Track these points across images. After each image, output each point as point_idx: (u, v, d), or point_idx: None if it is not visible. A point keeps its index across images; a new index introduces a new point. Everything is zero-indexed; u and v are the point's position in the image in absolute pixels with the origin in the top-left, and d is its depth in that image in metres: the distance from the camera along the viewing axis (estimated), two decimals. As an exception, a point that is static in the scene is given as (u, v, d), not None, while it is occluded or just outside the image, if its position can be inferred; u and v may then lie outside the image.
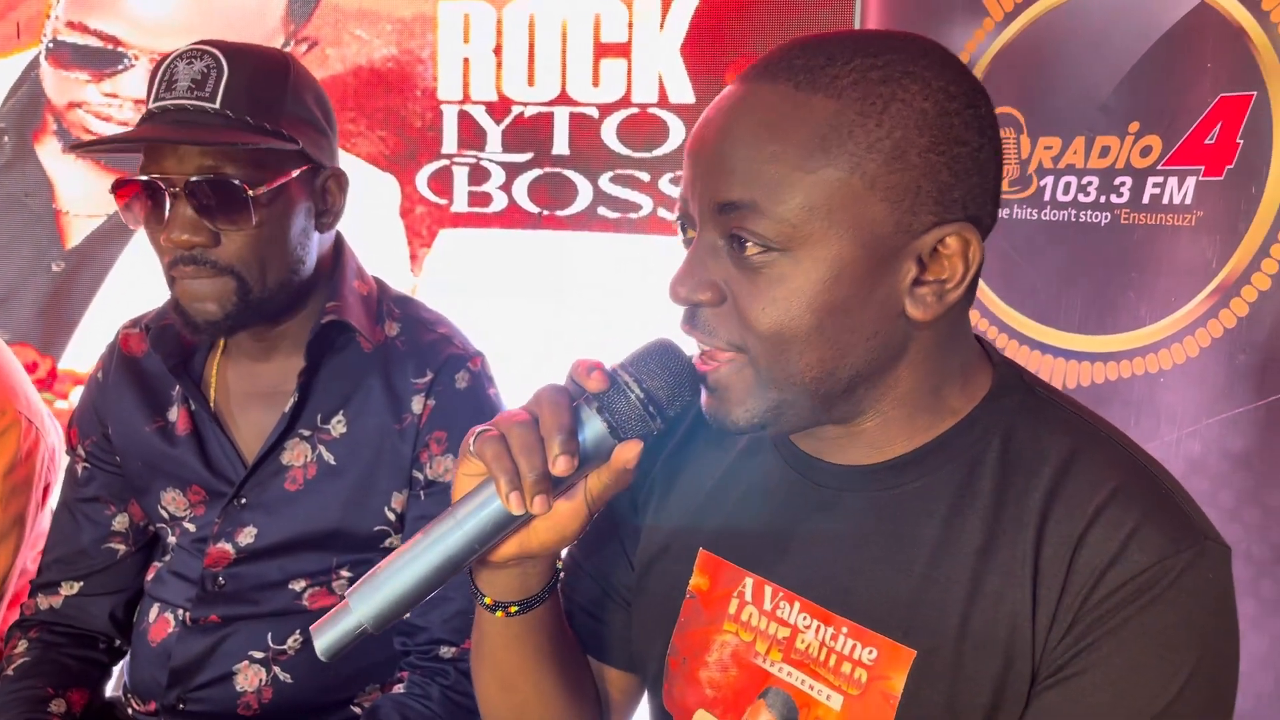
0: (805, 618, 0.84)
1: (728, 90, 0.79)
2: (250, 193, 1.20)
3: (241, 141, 1.19)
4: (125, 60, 2.31)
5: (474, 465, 0.79)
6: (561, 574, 0.92)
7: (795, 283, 0.75)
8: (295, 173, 1.25)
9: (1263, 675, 1.43)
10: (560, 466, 0.76)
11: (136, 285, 2.37)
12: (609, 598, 0.99)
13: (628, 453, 0.79)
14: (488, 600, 0.88)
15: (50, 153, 2.40)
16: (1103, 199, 1.60)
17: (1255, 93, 1.43)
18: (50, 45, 2.35)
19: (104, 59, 2.32)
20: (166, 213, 1.20)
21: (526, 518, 0.79)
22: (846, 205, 0.74)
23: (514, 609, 0.88)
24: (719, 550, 0.90)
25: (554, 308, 2.21)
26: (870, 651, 0.81)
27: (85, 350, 2.44)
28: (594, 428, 0.79)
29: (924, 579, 0.79)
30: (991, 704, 0.77)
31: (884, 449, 0.83)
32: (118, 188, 1.24)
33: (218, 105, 1.20)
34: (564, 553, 0.91)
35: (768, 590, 0.87)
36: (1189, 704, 0.73)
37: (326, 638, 0.78)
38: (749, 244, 0.76)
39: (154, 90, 1.23)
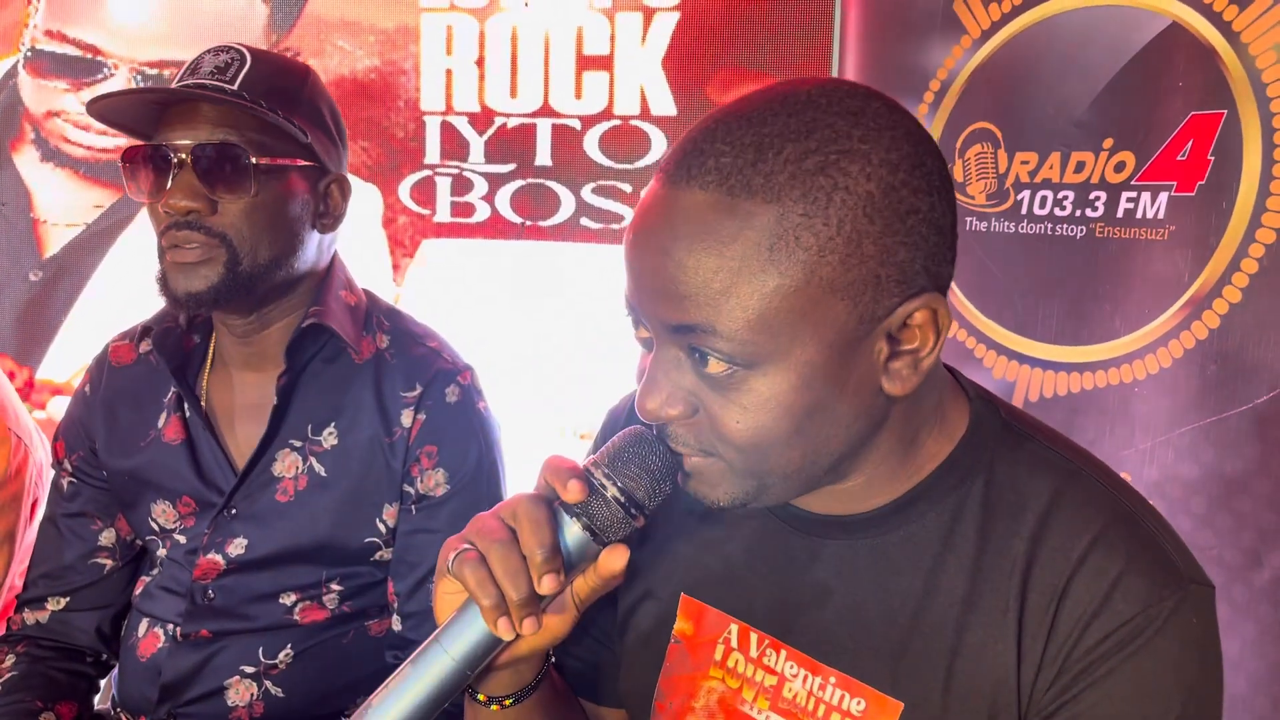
0: (792, 666, 0.84)
1: (656, 194, 0.74)
2: (253, 159, 1.22)
3: (253, 107, 1.22)
4: (104, 69, 2.30)
5: (455, 583, 0.77)
6: (553, 658, 0.91)
7: (766, 393, 0.72)
8: (300, 163, 1.28)
9: (1234, 679, 1.47)
10: (547, 586, 0.74)
11: (115, 295, 2.36)
12: (598, 642, 0.98)
13: (615, 564, 0.77)
14: (481, 697, 0.86)
15: (28, 161, 2.38)
16: (1078, 213, 1.64)
17: (1225, 111, 1.47)
18: (29, 54, 2.33)
19: (83, 68, 2.31)
20: (170, 181, 1.22)
21: (516, 637, 0.77)
22: (806, 312, 0.70)
23: (509, 701, 0.86)
24: (701, 595, 0.89)
25: (536, 318, 2.22)
26: (858, 702, 0.81)
27: (63, 360, 2.42)
28: (575, 534, 0.77)
29: (910, 629, 0.79)
30: None
31: (867, 500, 0.83)
32: (126, 156, 1.26)
33: (235, 87, 1.24)
34: None
35: (754, 637, 0.86)
36: None
37: None
38: (711, 359, 0.72)
39: (180, 76, 1.28)
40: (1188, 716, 0.74)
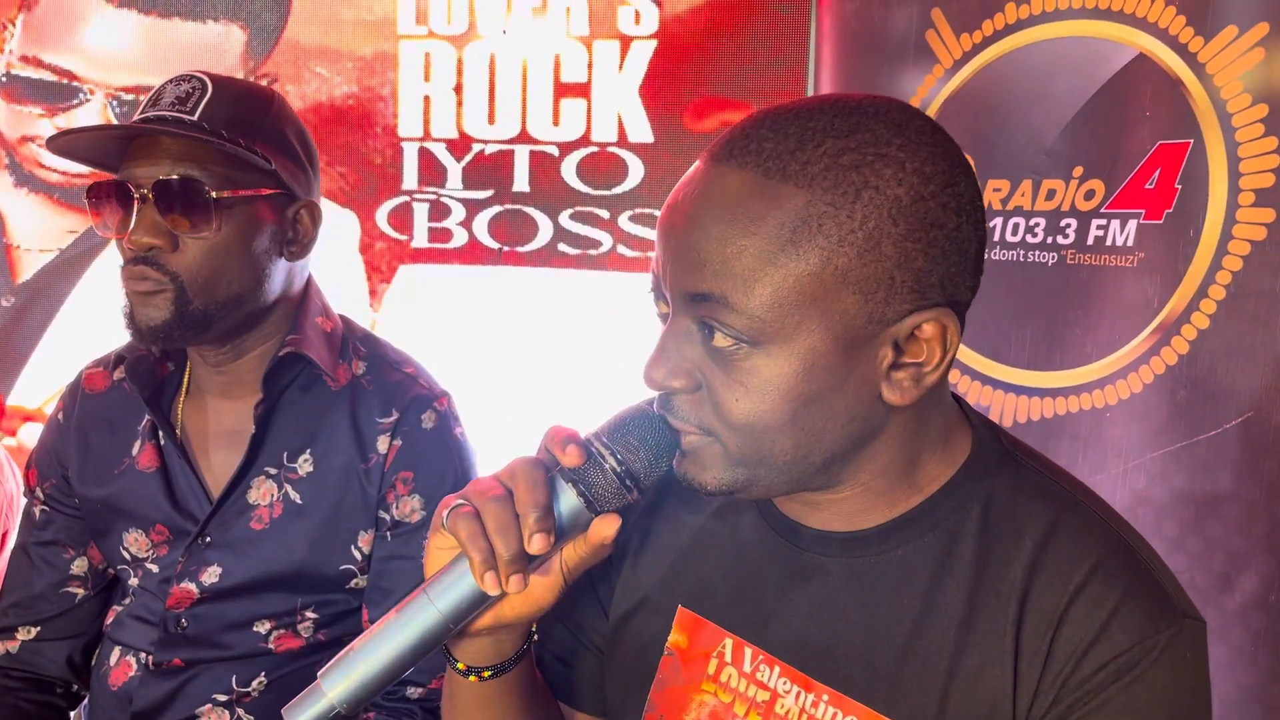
0: (785, 682, 0.84)
1: (697, 170, 0.77)
2: (213, 194, 1.21)
3: (211, 140, 1.21)
4: (80, 95, 2.30)
5: (447, 539, 0.78)
6: (535, 635, 0.91)
7: (767, 374, 0.74)
8: (265, 192, 1.27)
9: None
10: (536, 545, 0.75)
11: (88, 321, 2.34)
12: (581, 644, 0.98)
13: (606, 530, 0.78)
14: (460, 665, 0.87)
15: (1, 186, 2.37)
16: (1049, 240, 1.66)
17: (1192, 140, 1.50)
18: (3, 79, 2.33)
19: (58, 93, 2.31)
20: (133, 218, 1.21)
21: (501, 595, 0.78)
22: (817, 299, 0.72)
23: (487, 673, 0.87)
24: (698, 608, 0.89)
25: (514, 344, 2.22)
26: None
27: (34, 387, 2.40)
28: (569, 501, 0.78)
29: (906, 650, 0.79)
30: None
31: (865, 517, 0.83)
32: (91, 192, 1.26)
33: (195, 118, 1.23)
34: None
35: (747, 652, 0.86)
36: None
37: (299, 719, 0.77)
38: (719, 333, 0.74)
39: (143, 107, 1.27)
40: None
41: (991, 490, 0.81)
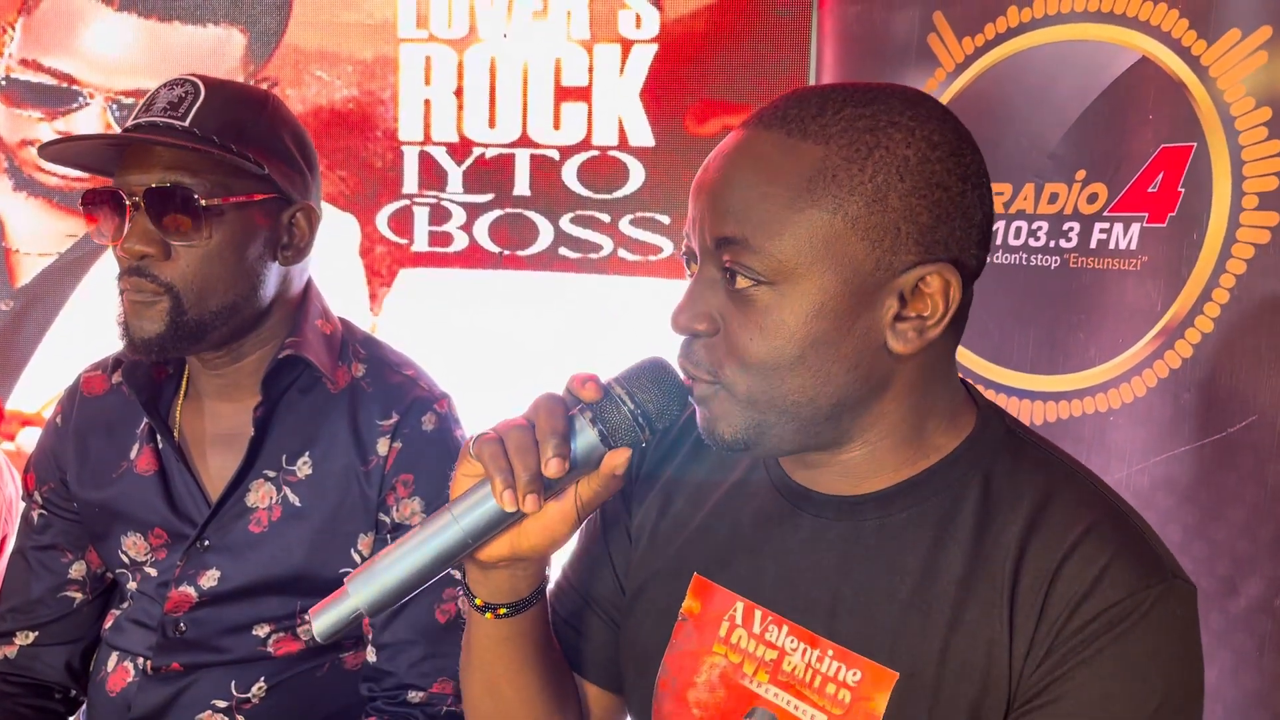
0: (792, 640, 0.88)
1: (731, 135, 0.85)
2: (203, 202, 1.21)
3: (199, 149, 1.21)
4: (80, 98, 2.29)
5: (473, 466, 0.84)
6: (550, 584, 0.96)
7: (781, 314, 0.80)
8: (259, 198, 1.26)
9: (1211, 707, 1.47)
10: (552, 469, 0.81)
11: (87, 325, 2.34)
12: (592, 612, 1.03)
13: (617, 459, 0.84)
14: (478, 601, 0.92)
15: (1, 190, 2.36)
16: (1052, 243, 1.66)
17: (1195, 144, 1.49)
18: (3, 83, 2.32)
19: (58, 97, 2.30)
20: (126, 225, 1.21)
21: (519, 516, 0.83)
22: (830, 243, 0.79)
23: (503, 610, 0.92)
24: (713, 575, 0.94)
25: (514, 347, 2.21)
26: (854, 673, 0.84)
27: (34, 391, 2.39)
28: (586, 436, 0.83)
29: (908, 606, 0.83)
30: None
31: (872, 480, 0.87)
32: (86, 199, 1.25)
33: (187, 124, 1.22)
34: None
35: (758, 614, 0.90)
36: None
37: (323, 620, 0.84)
38: (740, 276, 0.80)
39: (136, 112, 1.26)
40: (1171, 701, 0.78)
41: (993, 464, 0.86)
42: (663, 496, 1.00)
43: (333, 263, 2.21)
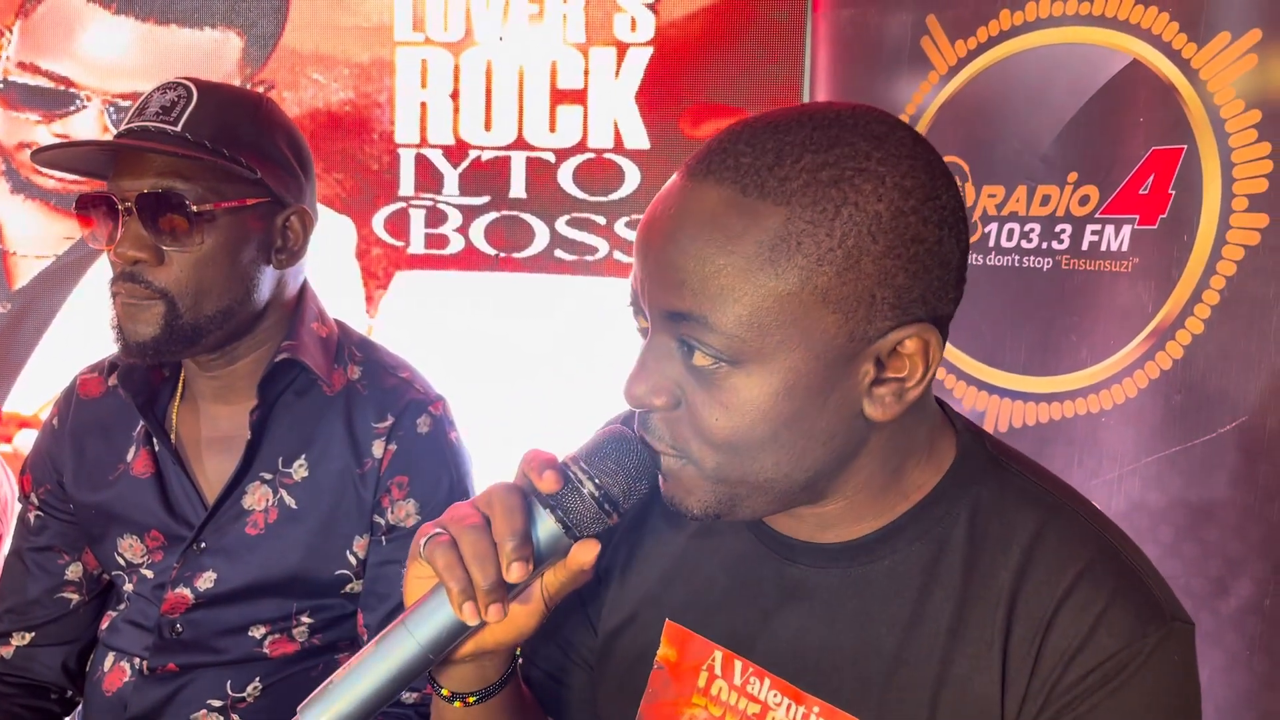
0: (776, 695, 0.83)
1: (674, 185, 0.76)
2: (195, 208, 1.21)
3: (190, 155, 1.21)
4: (77, 101, 2.30)
5: (425, 567, 0.77)
6: (520, 659, 0.91)
7: (747, 394, 0.73)
8: (251, 202, 1.26)
9: (1203, 707, 1.48)
10: (515, 574, 0.74)
11: (84, 327, 2.34)
12: (570, 660, 0.98)
13: (585, 555, 0.78)
14: (445, 692, 0.86)
15: (-2, 193, 2.37)
16: (1044, 245, 1.67)
17: (1185, 146, 1.51)
18: (0, 85, 2.33)
19: (55, 100, 2.31)
20: (119, 230, 1.21)
21: (481, 625, 0.77)
22: (797, 318, 0.71)
23: (472, 699, 0.86)
24: (686, 621, 0.89)
25: (510, 350, 2.22)
26: None
27: (31, 393, 2.39)
28: (548, 527, 0.77)
29: (895, 659, 0.79)
30: None
31: (852, 528, 0.83)
32: (80, 204, 1.25)
33: (179, 129, 1.22)
34: None
35: (737, 665, 0.86)
36: None
37: None
38: (699, 352, 0.73)
39: (129, 116, 1.26)
40: None
41: (978, 496, 0.81)
42: (633, 536, 0.94)
43: (329, 265, 2.22)
